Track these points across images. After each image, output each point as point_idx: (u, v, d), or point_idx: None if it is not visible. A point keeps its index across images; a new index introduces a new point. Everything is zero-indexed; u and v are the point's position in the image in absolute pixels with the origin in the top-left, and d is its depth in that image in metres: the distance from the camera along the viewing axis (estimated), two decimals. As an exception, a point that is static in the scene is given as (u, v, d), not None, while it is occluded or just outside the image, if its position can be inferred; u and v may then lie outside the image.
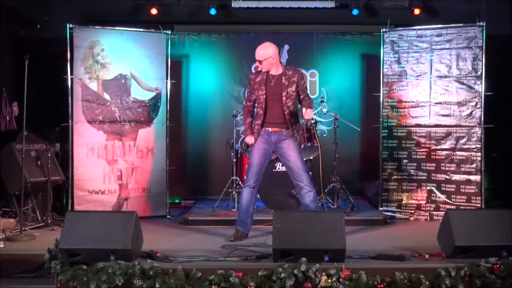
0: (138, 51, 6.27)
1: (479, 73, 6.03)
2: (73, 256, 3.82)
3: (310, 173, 6.05)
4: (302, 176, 4.85)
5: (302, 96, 4.91)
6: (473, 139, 6.05)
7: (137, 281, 3.65)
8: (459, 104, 6.11)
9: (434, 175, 6.18)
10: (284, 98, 4.84)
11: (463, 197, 6.03)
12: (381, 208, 6.34)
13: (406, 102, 6.33)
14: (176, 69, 7.14)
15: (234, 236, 4.88)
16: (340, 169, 6.48)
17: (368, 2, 7.43)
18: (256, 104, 5.01)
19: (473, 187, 6.00)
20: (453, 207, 5.95)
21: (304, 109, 4.75)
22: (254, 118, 5.04)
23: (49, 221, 5.67)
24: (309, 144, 6.25)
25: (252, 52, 7.43)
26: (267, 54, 4.85)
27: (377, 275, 3.67)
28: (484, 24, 5.98)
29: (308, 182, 4.87)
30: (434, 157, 6.20)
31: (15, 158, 5.64)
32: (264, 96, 4.89)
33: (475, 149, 6.04)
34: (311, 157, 6.34)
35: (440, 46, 6.19)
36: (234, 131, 6.71)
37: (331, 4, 7.14)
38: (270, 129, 4.92)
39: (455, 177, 6.09)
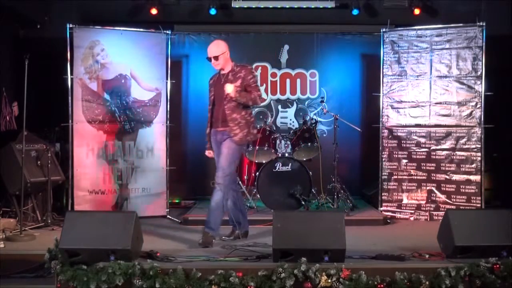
0: (138, 51, 6.27)
1: (479, 73, 6.03)
2: (73, 256, 3.82)
3: (310, 173, 6.08)
4: (218, 173, 4.66)
5: (248, 90, 4.67)
6: (473, 139, 6.05)
7: (137, 281, 3.65)
8: (459, 104, 6.11)
9: (434, 175, 6.18)
10: (225, 94, 4.65)
11: (463, 197, 6.03)
12: (381, 208, 6.33)
13: (406, 102, 6.33)
14: (176, 69, 7.14)
15: (228, 235, 4.96)
16: (340, 169, 6.47)
17: (368, 2, 7.43)
18: None
19: (473, 187, 6.00)
20: (453, 207, 5.95)
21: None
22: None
23: (49, 221, 5.67)
24: (309, 144, 6.26)
25: (252, 52, 7.54)
26: (222, 49, 4.68)
27: (377, 275, 3.67)
28: (484, 24, 5.99)
29: (220, 180, 4.62)
30: (434, 157, 6.19)
31: (15, 158, 5.64)
32: (213, 97, 4.80)
33: (475, 149, 6.04)
34: (311, 157, 6.35)
35: (440, 46, 6.19)
36: (234, 131, 6.69)
37: (331, 4, 7.14)
38: (217, 129, 4.77)
39: (455, 177, 6.09)
